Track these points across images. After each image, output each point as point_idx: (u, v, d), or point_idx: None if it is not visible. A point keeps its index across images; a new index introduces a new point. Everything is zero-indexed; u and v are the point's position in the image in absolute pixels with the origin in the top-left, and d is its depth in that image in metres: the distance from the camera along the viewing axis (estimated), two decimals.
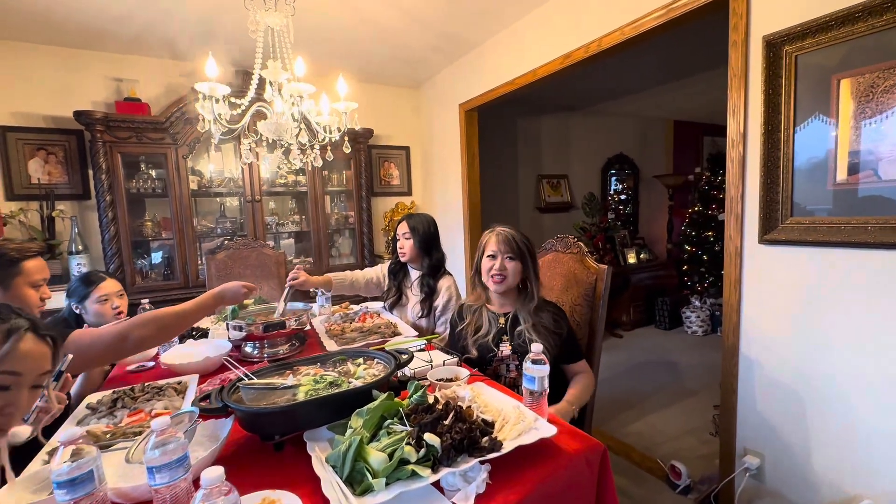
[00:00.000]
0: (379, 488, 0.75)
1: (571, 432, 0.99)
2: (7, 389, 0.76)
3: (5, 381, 0.76)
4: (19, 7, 2.17)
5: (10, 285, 1.16)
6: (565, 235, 1.77)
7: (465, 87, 3.11)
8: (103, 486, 0.72)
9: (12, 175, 2.54)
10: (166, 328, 1.21)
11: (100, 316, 1.70)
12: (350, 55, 3.00)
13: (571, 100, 4.40)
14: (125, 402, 1.19)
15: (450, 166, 3.43)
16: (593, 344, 1.55)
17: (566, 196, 4.75)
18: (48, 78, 2.60)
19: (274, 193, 3.20)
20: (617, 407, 2.87)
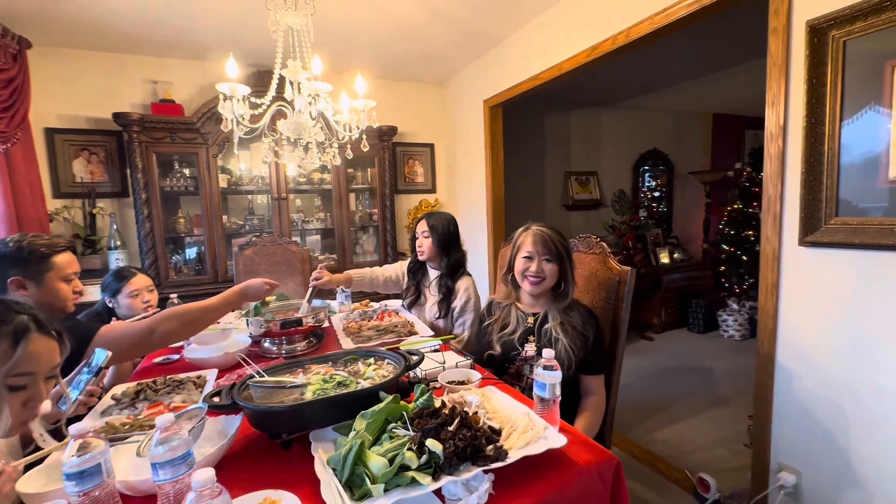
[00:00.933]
0: (377, 494, 0.74)
1: (584, 443, 0.95)
2: (25, 388, 0.80)
3: (22, 382, 0.79)
4: (65, 15, 2.29)
5: (42, 280, 1.23)
6: (588, 235, 1.70)
7: (490, 83, 3.06)
8: (111, 479, 0.74)
9: (59, 174, 2.70)
10: (192, 322, 1.25)
11: (131, 309, 1.78)
12: (374, 53, 3.00)
13: (602, 95, 4.26)
14: (147, 395, 1.23)
15: (474, 163, 3.40)
16: (615, 349, 1.49)
17: (595, 193, 4.61)
18: (90, 81, 2.73)
19: (300, 191, 3.26)
20: (644, 412, 2.76)
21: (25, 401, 0.81)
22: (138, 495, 0.79)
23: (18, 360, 0.78)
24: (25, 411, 0.81)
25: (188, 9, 2.28)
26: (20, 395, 0.80)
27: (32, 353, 0.81)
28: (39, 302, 1.23)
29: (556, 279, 1.39)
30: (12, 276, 1.19)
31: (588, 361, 1.34)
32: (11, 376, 0.78)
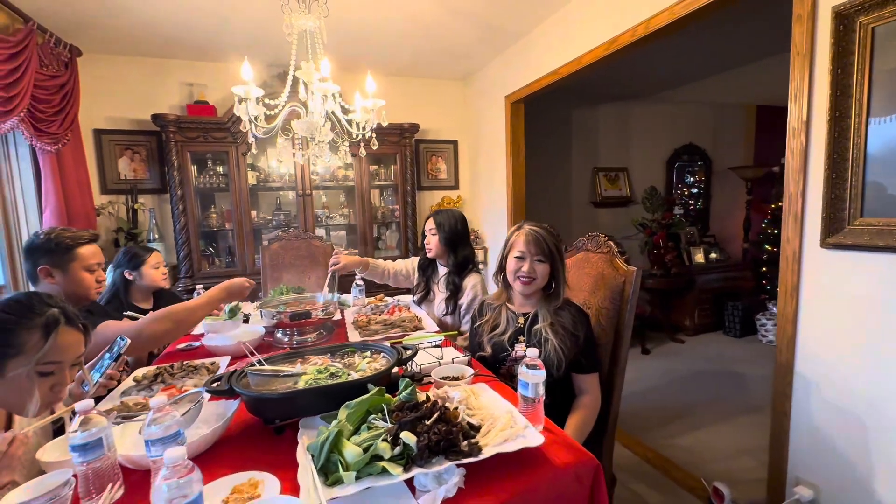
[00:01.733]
0: (348, 481, 0.77)
1: (565, 444, 0.94)
2: (53, 374, 0.89)
3: (50, 369, 0.89)
4: (111, 24, 2.46)
5: (68, 269, 1.35)
6: (596, 234, 1.67)
7: (511, 79, 3.03)
8: (112, 452, 0.81)
9: (106, 172, 2.92)
10: (180, 322, 1.35)
11: (153, 281, 1.95)
12: (394, 51, 3.04)
13: (633, 88, 4.11)
14: (163, 378, 1.32)
15: (496, 160, 3.38)
16: (618, 350, 1.46)
17: (625, 190, 4.47)
18: (134, 85, 2.93)
19: (325, 188, 3.37)
20: (666, 417, 2.68)
21: (52, 385, 0.90)
22: (137, 469, 0.87)
23: (48, 349, 0.88)
24: (51, 394, 0.91)
25: (220, 13, 2.40)
26: (48, 381, 0.89)
27: (61, 345, 0.90)
28: (65, 290, 1.35)
29: (548, 279, 1.37)
30: (42, 265, 1.32)
31: (579, 361, 1.32)
32: (41, 364, 0.87)
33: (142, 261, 1.92)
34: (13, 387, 0.85)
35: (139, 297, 1.97)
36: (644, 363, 3.61)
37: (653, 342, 3.99)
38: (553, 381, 1.32)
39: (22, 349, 0.85)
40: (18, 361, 0.85)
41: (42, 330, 0.88)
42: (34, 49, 2.14)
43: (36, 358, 0.86)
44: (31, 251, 1.33)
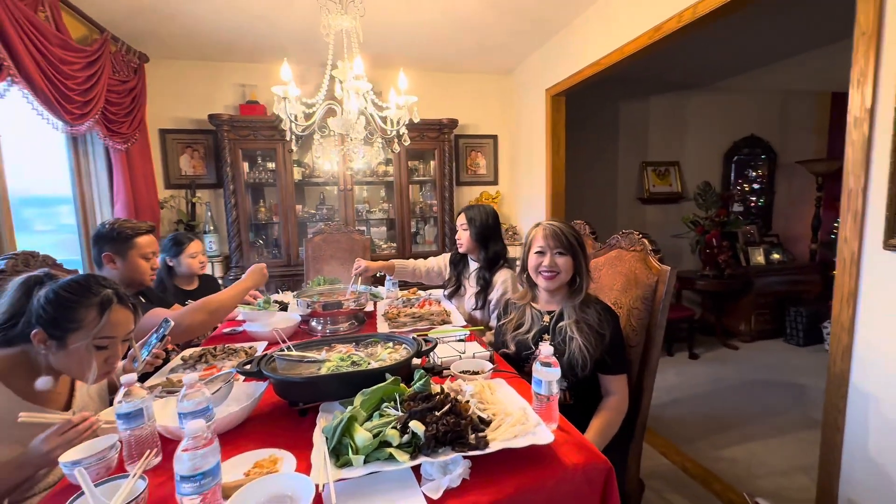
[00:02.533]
0: (356, 464, 0.80)
1: (578, 444, 0.92)
2: (107, 348, 1.00)
3: (105, 343, 0.99)
4: (175, 31, 2.67)
5: (126, 256, 1.49)
6: (630, 231, 1.60)
7: (552, 71, 2.96)
8: (151, 422, 0.90)
9: (169, 168, 3.18)
10: (214, 312, 1.45)
11: (189, 268, 2.11)
12: (433, 47, 3.06)
13: (687, 77, 3.88)
14: (206, 359, 1.43)
15: (536, 155, 3.32)
16: (649, 354, 1.40)
17: (676, 185, 4.24)
18: (194, 87, 3.16)
19: (365, 183, 3.46)
20: (712, 427, 2.53)
21: (106, 358, 1.01)
22: (174, 439, 0.95)
23: (103, 325, 0.98)
24: (105, 366, 1.02)
25: (269, 17, 2.53)
26: (103, 354, 1.00)
27: (113, 321, 1.00)
28: (123, 275, 1.50)
29: (572, 273, 1.34)
30: (105, 252, 1.48)
31: (604, 360, 1.28)
32: (97, 338, 0.98)
33: (181, 250, 2.10)
34: (74, 357, 0.96)
35: (183, 281, 2.17)
36: (691, 368, 3.42)
37: (702, 347, 3.77)
38: (578, 380, 1.30)
39: (81, 324, 0.96)
40: (78, 335, 0.96)
41: (98, 308, 0.98)
42: (108, 57, 2.36)
43: (93, 332, 0.97)
44: (97, 239, 1.48)
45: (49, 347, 0.95)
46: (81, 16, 2.30)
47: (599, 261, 1.72)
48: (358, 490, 0.78)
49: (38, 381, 0.94)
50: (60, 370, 0.98)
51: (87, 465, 0.81)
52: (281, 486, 0.76)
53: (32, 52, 1.76)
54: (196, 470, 0.66)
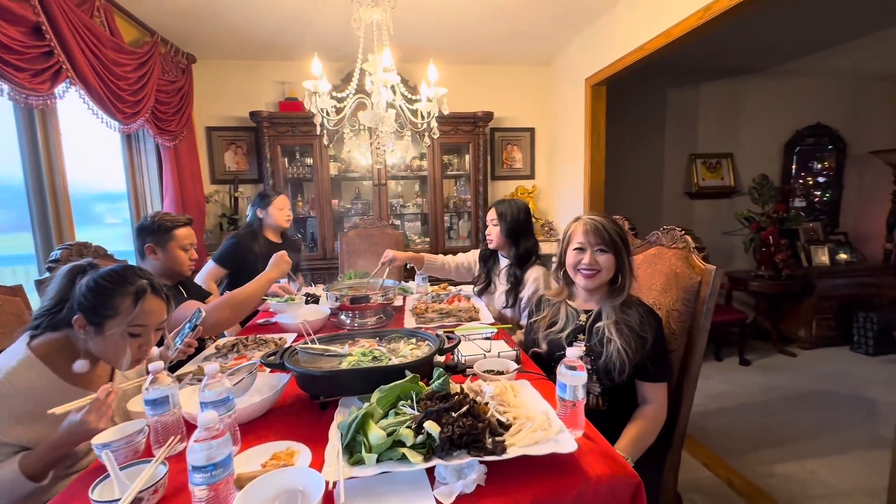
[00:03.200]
0: (369, 463, 0.78)
1: (604, 454, 0.86)
2: (140, 336, 1.04)
3: (138, 331, 1.03)
4: (220, 32, 2.77)
5: (166, 247, 1.56)
6: (672, 227, 1.49)
7: (592, 60, 2.83)
8: (178, 409, 0.92)
9: (214, 164, 3.32)
10: (239, 306, 1.50)
11: (275, 220, 2.32)
12: (469, 39, 3.01)
13: (743, 61, 3.59)
14: (238, 349, 1.48)
15: (574, 147, 3.20)
16: (690, 359, 1.29)
17: (728, 179, 3.96)
18: (237, 85, 3.28)
19: (399, 177, 3.47)
20: (762, 439, 2.34)
21: (139, 345, 1.05)
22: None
23: (137, 314, 1.02)
24: (139, 353, 1.06)
25: (305, 15, 2.57)
26: (136, 341, 1.04)
27: (147, 310, 1.04)
28: (164, 265, 1.56)
29: (613, 272, 1.26)
30: (147, 243, 1.55)
31: (644, 366, 1.19)
32: (132, 325, 1.02)
33: (269, 202, 2.31)
34: (110, 343, 1.00)
35: (270, 233, 2.39)
36: (741, 375, 3.19)
37: (755, 353, 3.51)
38: (613, 385, 1.22)
39: (117, 312, 1.00)
40: (114, 322, 1.00)
41: (133, 297, 1.02)
42: (157, 58, 2.49)
43: (127, 320, 1.01)
44: (140, 231, 1.56)
45: (88, 333, 1.00)
46: (133, 20, 2.43)
47: (638, 258, 1.61)
48: (369, 489, 0.76)
49: (76, 364, 0.99)
50: (98, 355, 1.03)
51: (115, 448, 0.84)
52: (293, 481, 0.76)
53: (87, 55, 1.88)
54: (208, 461, 0.67)
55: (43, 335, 1.01)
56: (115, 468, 0.77)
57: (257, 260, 2.18)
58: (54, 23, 1.72)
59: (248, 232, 2.35)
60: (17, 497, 0.87)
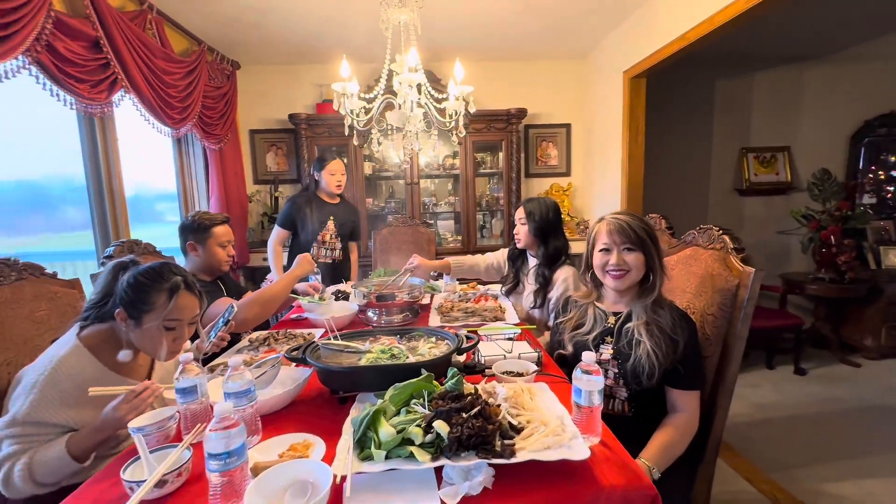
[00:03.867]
0: (377, 459, 0.80)
1: (620, 464, 0.83)
2: (175, 329, 1.10)
3: (173, 325, 1.10)
4: (260, 38, 2.90)
5: (205, 245, 1.65)
6: (709, 227, 1.41)
7: (630, 52, 2.71)
8: (205, 399, 0.98)
9: (257, 165, 3.48)
10: (266, 303, 1.55)
11: (327, 184, 2.44)
12: (499, 34, 2.97)
13: (802, 47, 3.33)
14: (270, 342, 1.54)
15: (611, 143, 3.08)
16: (725, 369, 1.22)
17: (784, 174, 3.68)
18: (278, 89, 3.41)
19: (432, 176, 3.49)
20: (815, 454, 2.17)
21: (174, 339, 1.12)
22: None
23: (172, 308, 1.09)
24: (174, 345, 1.12)
25: (339, 19, 2.64)
26: (171, 334, 1.11)
27: (180, 305, 1.10)
28: (204, 262, 1.66)
29: (644, 270, 1.20)
30: (189, 241, 1.64)
31: (675, 371, 1.13)
32: (167, 320, 1.09)
33: (323, 165, 2.44)
34: (147, 336, 1.08)
35: (325, 195, 2.51)
36: (795, 385, 2.97)
37: (812, 361, 3.25)
38: (641, 390, 1.17)
39: (153, 307, 1.07)
40: (151, 316, 1.07)
41: (168, 293, 1.09)
42: (204, 66, 2.64)
43: (163, 314, 1.07)
44: (182, 230, 1.66)
45: (129, 325, 1.07)
46: (182, 30, 2.58)
47: (672, 259, 1.54)
48: (376, 485, 0.78)
49: (120, 354, 1.07)
50: (138, 346, 1.11)
51: (148, 433, 0.91)
52: (305, 472, 0.78)
53: (140, 65, 2.02)
54: (222, 449, 0.70)
55: (91, 326, 1.10)
56: (146, 451, 0.83)
57: (311, 219, 2.43)
58: (111, 36, 1.86)
59: (303, 192, 2.55)
60: (63, 475, 0.95)
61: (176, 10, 2.40)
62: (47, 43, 1.57)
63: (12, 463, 0.92)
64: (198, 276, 1.63)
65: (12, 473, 0.91)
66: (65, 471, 0.94)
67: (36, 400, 0.96)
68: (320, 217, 2.47)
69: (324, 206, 2.50)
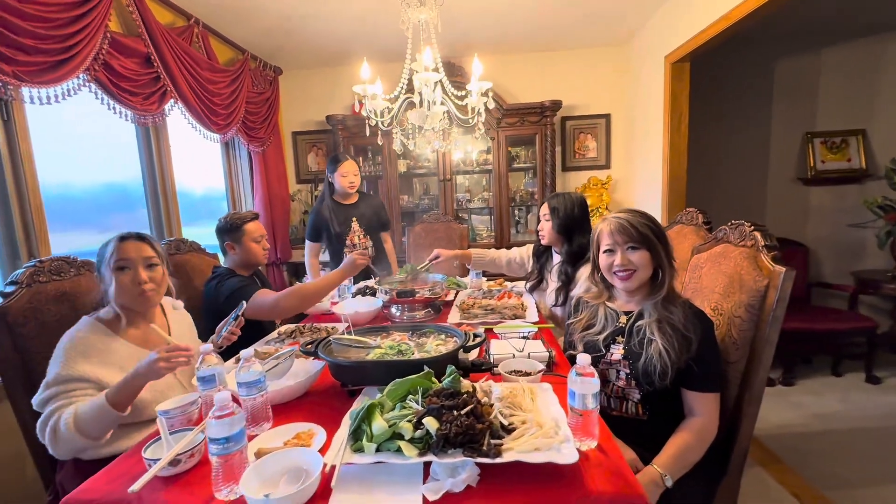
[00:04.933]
0: (368, 451, 0.83)
1: (613, 470, 0.81)
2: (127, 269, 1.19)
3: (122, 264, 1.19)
4: (299, 44, 3.03)
5: (240, 242, 1.76)
6: (741, 222, 1.31)
7: (672, 35, 2.55)
8: (222, 386, 1.05)
9: (299, 165, 3.65)
10: (306, 298, 1.63)
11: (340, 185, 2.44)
12: (535, 26, 2.90)
13: (880, 15, 2.95)
14: (295, 335, 1.63)
15: (654, 134, 2.92)
16: (752, 373, 1.13)
17: (857, 160, 3.31)
18: (318, 92, 3.55)
19: (466, 172, 3.48)
20: (884, 472, 1.96)
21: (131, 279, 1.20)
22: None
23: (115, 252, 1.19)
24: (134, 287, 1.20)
25: (371, 19, 2.70)
26: (126, 274, 1.20)
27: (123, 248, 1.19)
28: (242, 258, 1.77)
29: (652, 268, 1.15)
30: (226, 241, 1.76)
31: (690, 371, 1.08)
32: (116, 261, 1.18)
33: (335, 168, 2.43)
34: (113, 285, 1.20)
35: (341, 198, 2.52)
36: (865, 395, 2.69)
37: (887, 369, 2.92)
38: (654, 391, 1.13)
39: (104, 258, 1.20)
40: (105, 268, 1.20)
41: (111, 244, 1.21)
42: (247, 74, 2.80)
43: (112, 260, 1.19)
44: (219, 232, 1.79)
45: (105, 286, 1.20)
46: (227, 41, 2.76)
47: (702, 257, 1.45)
48: (364, 476, 0.81)
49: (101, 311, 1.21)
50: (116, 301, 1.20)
51: (172, 416, 1.00)
52: (301, 460, 0.83)
53: (187, 76, 2.18)
54: (221, 434, 0.76)
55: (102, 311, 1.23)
56: (166, 432, 0.91)
57: (334, 226, 2.44)
58: (160, 52, 2.03)
59: (321, 201, 2.53)
60: (104, 425, 1.06)
61: (220, 22, 2.56)
62: (104, 62, 1.74)
63: (57, 417, 1.04)
64: (236, 272, 1.76)
65: (59, 425, 1.03)
66: (105, 420, 1.04)
67: (63, 361, 1.09)
68: (343, 221, 2.44)
69: (343, 209, 2.49)
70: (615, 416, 1.22)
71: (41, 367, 1.13)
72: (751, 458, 2.04)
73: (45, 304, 1.25)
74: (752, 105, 3.36)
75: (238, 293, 1.58)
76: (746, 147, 3.43)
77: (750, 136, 3.41)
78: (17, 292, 1.21)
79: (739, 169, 3.43)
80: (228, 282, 1.65)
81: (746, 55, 3.23)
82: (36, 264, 1.28)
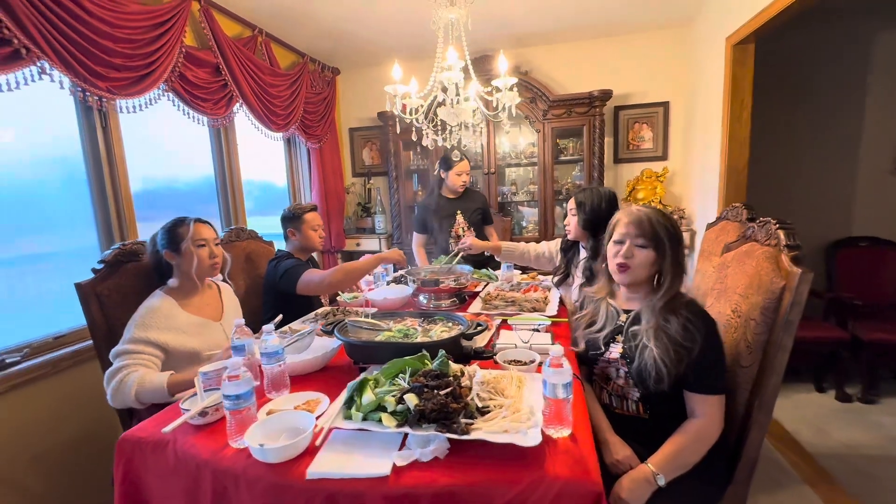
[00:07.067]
0: (355, 419, 0.93)
1: (577, 459, 0.84)
2: (204, 246, 1.48)
3: (201, 243, 1.48)
4: (354, 45, 3.20)
5: (300, 230, 1.98)
6: (767, 220, 1.22)
7: (736, 13, 2.35)
8: (251, 355, 1.22)
9: (355, 160, 3.88)
10: (350, 272, 1.80)
11: (452, 182, 2.52)
12: (584, 13, 2.81)
13: None
14: (329, 316, 1.79)
15: (712, 122, 2.72)
16: (764, 381, 1.07)
17: None
18: (372, 89, 3.72)
19: (514, 165, 3.48)
20: None
21: (209, 255, 1.50)
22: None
23: (194, 231, 1.47)
24: (210, 261, 1.50)
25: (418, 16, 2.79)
26: (204, 251, 1.47)
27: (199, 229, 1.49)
28: (301, 244, 1.99)
29: (651, 271, 1.12)
30: (289, 228, 1.99)
31: (690, 374, 1.06)
32: (195, 240, 1.45)
33: (450, 165, 2.51)
34: (187, 258, 1.46)
35: (449, 192, 2.61)
36: None
37: None
38: (653, 392, 1.12)
39: (183, 236, 1.45)
40: (185, 244, 1.45)
41: (188, 225, 1.48)
42: (306, 76, 3.04)
43: (190, 237, 1.45)
44: (283, 220, 2.02)
45: (175, 259, 1.45)
46: (288, 47, 3.01)
47: (728, 256, 1.38)
48: (348, 441, 0.92)
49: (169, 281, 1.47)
50: (186, 272, 1.45)
51: (209, 377, 1.18)
52: (299, 421, 0.96)
53: (250, 82, 2.44)
54: (231, 392, 0.91)
55: (166, 286, 1.48)
56: (201, 388, 1.09)
57: (439, 218, 2.55)
58: (227, 61, 2.29)
59: (428, 193, 2.68)
60: (155, 399, 1.28)
61: (282, 30, 2.81)
62: (180, 73, 2.01)
63: (127, 373, 1.27)
64: (295, 255, 1.98)
65: (126, 381, 1.26)
66: (158, 398, 1.27)
67: (136, 326, 1.34)
68: (448, 214, 2.55)
69: (448, 202, 2.59)
70: (617, 413, 1.22)
71: (122, 333, 1.39)
72: (798, 474, 1.89)
73: (125, 280, 1.52)
74: (838, 88, 2.98)
75: (292, 271, 1.81)
76: (830, 135, 3.05)
77: (836, 123, 3.03)
78: (105, 270, 1.48)
79: (817, 160, 3.07)
80: (285, 262, 1.87)
81: (831, 30, 2.87)
82: (120, 247, 1.55)
